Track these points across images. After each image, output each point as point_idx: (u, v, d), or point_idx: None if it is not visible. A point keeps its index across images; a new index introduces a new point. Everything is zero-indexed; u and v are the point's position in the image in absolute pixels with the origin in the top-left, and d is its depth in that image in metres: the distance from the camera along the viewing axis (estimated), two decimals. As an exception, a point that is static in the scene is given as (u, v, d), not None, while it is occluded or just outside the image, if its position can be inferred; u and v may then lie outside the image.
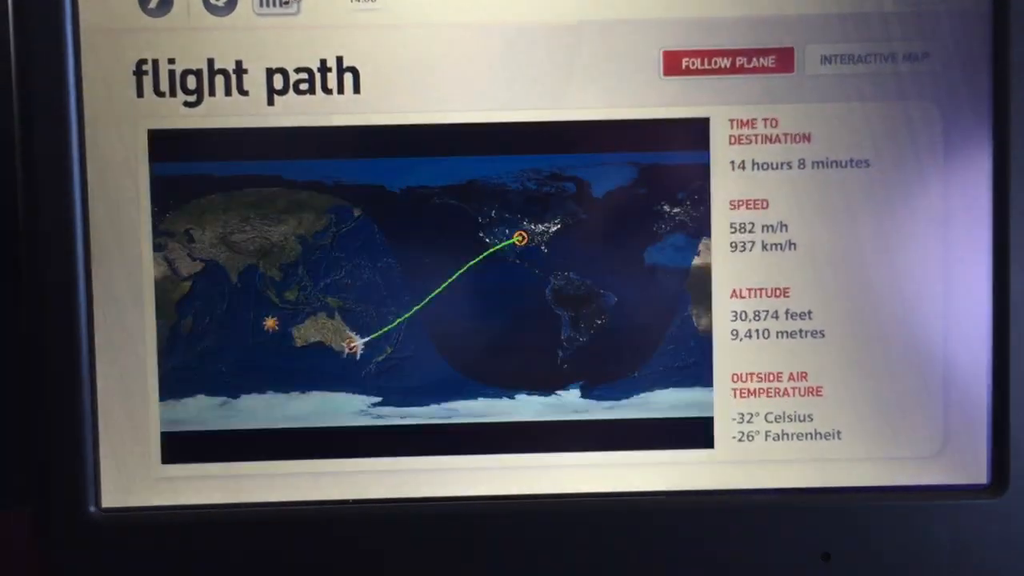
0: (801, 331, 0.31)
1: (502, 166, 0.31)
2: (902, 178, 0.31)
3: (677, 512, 0.31)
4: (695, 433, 0.32)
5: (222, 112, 0.31)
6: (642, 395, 0.31)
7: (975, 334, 0.31)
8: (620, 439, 0.32)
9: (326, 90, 0.31)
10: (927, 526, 0.31)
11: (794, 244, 0.31)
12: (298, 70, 0.31)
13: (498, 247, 0.31)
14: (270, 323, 0.31)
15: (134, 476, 0.31)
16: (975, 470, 0.32)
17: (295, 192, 0.31)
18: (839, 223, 0.31)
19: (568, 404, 0.31)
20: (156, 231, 0.31)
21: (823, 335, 0.31)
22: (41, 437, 0.30)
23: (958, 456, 0.32)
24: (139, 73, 0.31)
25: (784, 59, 0.31)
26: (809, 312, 0.31)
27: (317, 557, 0.31)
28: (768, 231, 0.31)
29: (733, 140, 0.31)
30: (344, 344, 0.31)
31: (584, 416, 0.31)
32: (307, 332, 0.31)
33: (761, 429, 0.32)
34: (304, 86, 0.31)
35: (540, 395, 0.31)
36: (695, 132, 0.31)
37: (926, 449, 0.32)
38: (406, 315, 0.31)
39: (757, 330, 0.31)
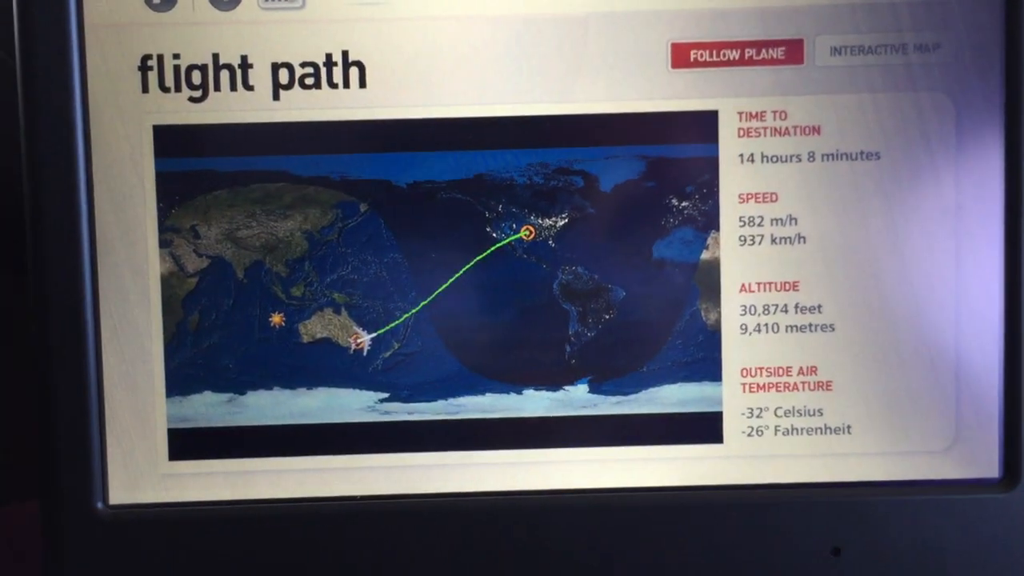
0: (811, 325, 0.31)
1: (509, 160, 0.31)
2: (913, 170, 0.31)
3: (686, 507, 0.31)
4: (704, 428, 0.31)
5: (227, 107, 0.31)
6: (650, 390, 0.31)
7: (987, 327, 0.31)
8: (628, 434, 0.31)
9: (332, 85, 0.31)
10: (938, 520, 0.31)
11: (804, 237, 0.31)
12: (304, 64, 0.31)
13: (505, 242, 0.31)
14: (276, 319, 0.31)
15: (141, 472, 0.31)
16: (987, 464, 0.31)
17: (301, 187, 0.31)
18: (849, 216, 0.31)
19: (576, 399, 0.31)
20: (162, 227, 0.31)
21: (833, 329, 0.31)
22: (48, 433, 0.30)
23: (970, 450, 0.31)
24: (144, 68, 0.30)
25: (794, 51, 0.31)
26: (819, 306, 0.31)
27: (325, 553, 0.31)
28: (777, 224, 0.31)
29: (742, 133, 0.31)
30: (351, 340, 0.31)
31: (592, 411, 0.31)
32: (314, 328, 0.31)
33: (771, 424, 0.31)
34: (310, 81, 0.31)
35: (548, 390, 0.31)
36: (704, 125, 0.31)
37: (937, 443, 0.31)
38: (413, 310, 0.31)
39: (766, 324, 0.31)
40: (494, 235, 0.31)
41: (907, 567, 0.31)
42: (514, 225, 0.31)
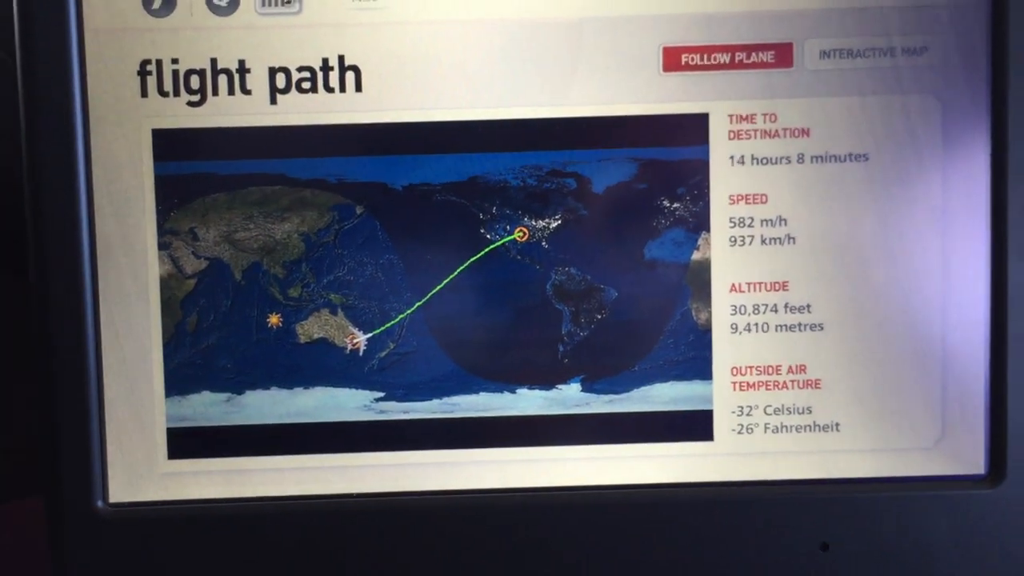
0: (800, 324, 0.32)
1: (503, 162, 0.31)
2: (901, 172, 0.31)
3: (677, 504, 0.32)
4: (695, 426, 0.32)
5: (225, 111, 0.31)
6: (642, 388, 0.32)
7: (973, 326, 0.31)
8: (621, 432, 0.32)
9: (328, 89, 0.31)
10: (925, 516, 0.31)
11: (793, 238, 0.32)
12: (300, 69, 0.31)
13: (499, 243, 0.31)
14: (274, 320, 0.31)
15: (141, 471, 0.31)
16: (973, 460, 0.32)
17: (298, 190, 0.31)
18: (838, 217, 0.31)
19: (569, 398, 0.32)
20: (161, 230, 0.31)
21: (822, 328, 0.32)
22: (49, 432, 0.31)
23: (956, 447, 0.32)
24: (143, 73, 0.31)
25: (783, 54, 0.31)
26: (808, 306, 0.32)
27: (322, 550, 0.31)
28: (767, 225, 0.32)
29: (732, 135, 0.31)
30: (347, 340, 0.32)
31: (585, 410, 0.32)
32: (310, 328, 0.32)
33: (760, 421, 0.32)
34: (306, 85, 0.31)
35: (541, 389, 0.32)
36: (695, 127, 0.31)
37: (924, 440, 0.32)
38: (408, 311, 0.32)
39: (756, 323, 0.32)
40: (488, 236, 0.31)
41: (895, 562, 0.32)
42: (508, 227, 0.31)
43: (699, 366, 0.32)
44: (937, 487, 0.32)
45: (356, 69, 0.31)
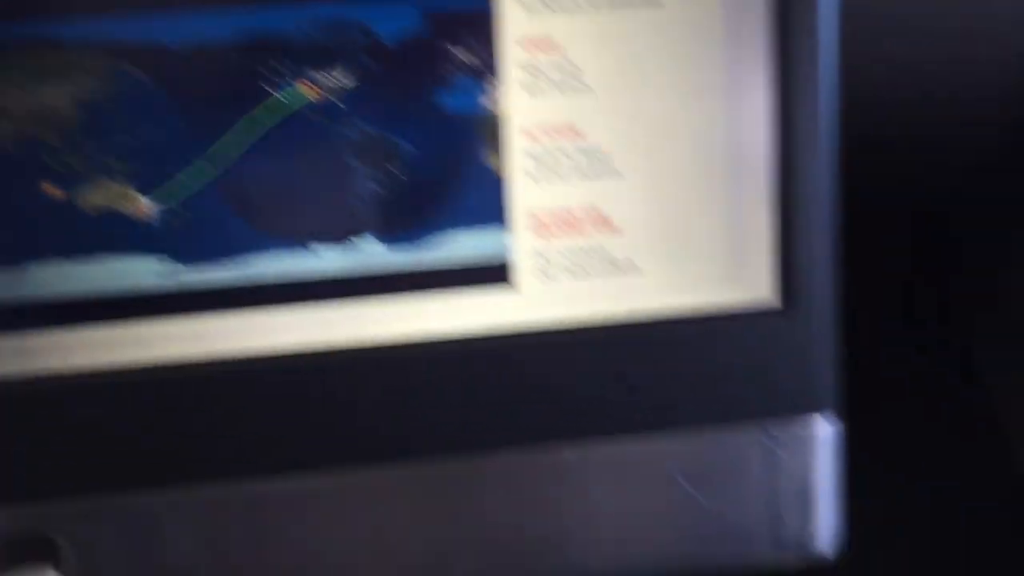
0: (596, 170, 0.32)
1: (286, 16, 0.30)
2: (692, 16, 0.31)
3: (481, 353, 0.32)
4: (495, 275, 0.32)
5: (-14, -29, 0.29)
6: (440, 240, 0.32)
7: (760, 164, 0.32)
8: (421, 285, 0.32)
9: (99, -54, 0.29)
10: (721, 347, 0.32)
11: (587, 84, 0.31)
12: (67, -74, 0.29)
13: (287, 99, 0.30)
14: (53, 190, 0.30)
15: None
16: (765, 292, 0.33)
17: (71, 53, 0.30)
18: (631, 63, 0.31)
19: (367, 253, 0.31)
20: (-80, 100, 0.29)
21: (618, 172, 0.32)
22: None
23: (749, 280, 0.33)
24: None
25: (573, -102, 0.31)
26: (603, 151, 0.32)
27: (120, 423, 0.31)
28: (560, 72, 0.31)
29: (523, -18, 0.31)
30: (133, 207, 0.30)
31: (383, 264, 0.31)
32: (93, 197, 0.30)
33: (560, 266, 0.32)
34: (75, -58, 0.29)
35: (337, 246, 0.31)
36: (484, -25, 0.31)
37: (720, 275, 0.33)
38: (195, 173, 0.30)
39: (553, 171, 0.32)
40: (274, 94, 0.30)
41: (694, 392, 0.33)
42: (294, 83, 0.30)
43: (496, 215, 0.32)
44: (732, 319, 0.33)
45: (126, -76, 0.29)
